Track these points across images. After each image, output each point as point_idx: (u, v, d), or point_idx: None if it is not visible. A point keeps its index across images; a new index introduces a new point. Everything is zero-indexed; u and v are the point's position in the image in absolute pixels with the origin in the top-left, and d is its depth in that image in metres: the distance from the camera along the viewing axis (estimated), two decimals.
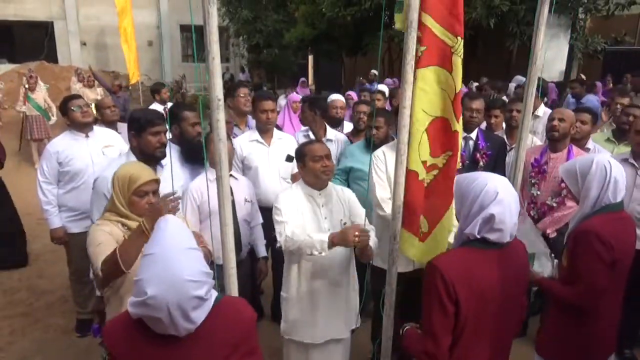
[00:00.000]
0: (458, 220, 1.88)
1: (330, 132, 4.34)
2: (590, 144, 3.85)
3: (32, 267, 5.35)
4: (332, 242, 2.35)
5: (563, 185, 3.44)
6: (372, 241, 2.49)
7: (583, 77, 9.98)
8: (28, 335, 4.03)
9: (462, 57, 2.06)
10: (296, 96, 5.50)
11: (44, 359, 3.71)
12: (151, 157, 2.81)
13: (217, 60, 1.52)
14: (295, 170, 3.19)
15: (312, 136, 4.25)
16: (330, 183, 2.78)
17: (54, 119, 9.87)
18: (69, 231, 3.76)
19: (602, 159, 2.25)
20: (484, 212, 1.72)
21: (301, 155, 2.73)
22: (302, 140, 4.19)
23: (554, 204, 3.53)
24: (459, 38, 2.04)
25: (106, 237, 2.15)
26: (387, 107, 6.45)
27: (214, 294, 1.45)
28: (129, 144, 2.93)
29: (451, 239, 2.36)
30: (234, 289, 1.76)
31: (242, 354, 1.48)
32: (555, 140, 3.54)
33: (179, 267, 1.31)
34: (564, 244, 2.45)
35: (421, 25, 1.87)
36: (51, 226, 3.76)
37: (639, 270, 2.94)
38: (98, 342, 3.26)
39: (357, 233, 2.26)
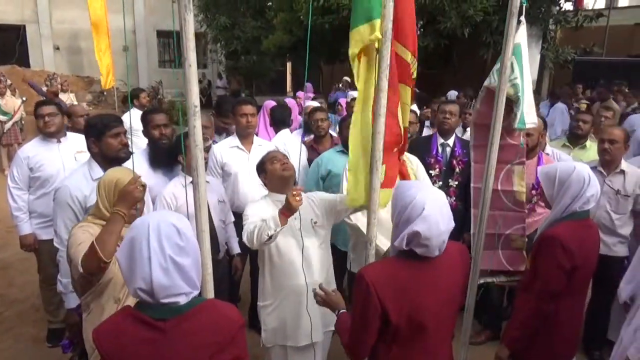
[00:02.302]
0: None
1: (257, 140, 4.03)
2: (548, 149, 3.97)
3: (2, 276, 5.20)
4: (282, 214, 2.36)
5: (533, 192, 3.54)
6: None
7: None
8: None
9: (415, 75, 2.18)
10: (271, 102, 5.52)
11: None
12: (115, 159, 2.81)
13: (194, 68, 1.53)
14: None
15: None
16: None
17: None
18: (39, 238, 3.69)
19: (583, 169, 2.33)
20: (409, 227, 1.68)
21: (261, 166, 2.82)
22: (307, 149, 4.35)
23: (526, 210, 3.62)
24: (414, 57, 2.13)
25: (87, 237, 2.13)
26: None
27: (195, 291, 1.47)
28: (89, 152, 2.91)
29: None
30: (210, 294, 1.77)
31: (228, 358, 1.49)
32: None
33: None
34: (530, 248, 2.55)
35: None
36: (21, 232, 3.68)
37: (604, 274, 3.07)
38: (69, 357, 3.19)
39: (293, 194, 2.30)
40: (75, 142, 3.81)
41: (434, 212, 1.68)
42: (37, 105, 3.80)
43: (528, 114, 2.58)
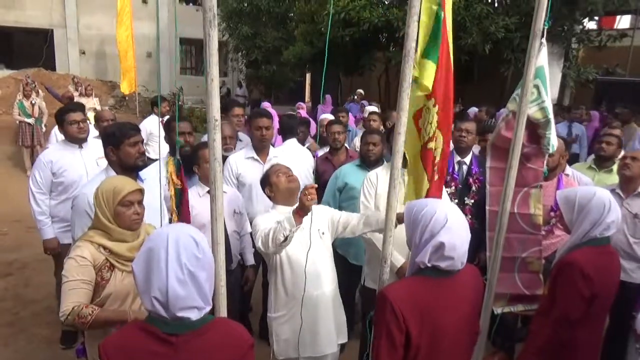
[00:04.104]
0: (409, 248, 1.86)
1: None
2: (568, 170, 3.90)
3: (19, 276, 5.29)
4: (297, 213, 2.35)
5: (552, 214, 3.49)
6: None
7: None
8: (12, 345, 3.98)
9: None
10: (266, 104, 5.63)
11: None
12: (132, 167, 2.85)
13: (216, 82, 1.55)
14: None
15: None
16: None
17: (43, 128, 9.84)
18: (62, 242, 3.74)
19: (603, 194, 2.29)
20: (434, 239, 1.70)
21: (266, 179, 2.84)
22: (322, 161, 4.35)
23: (542, 233, 3.56)
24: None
25: (82, 272, 2.13)
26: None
27: (207, 307, 1.47)
28: (107, 160, 2.95)
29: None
30: (223, 306, 1.77)
31: None
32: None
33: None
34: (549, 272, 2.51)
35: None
36: (44, 237, 3.73)
37: (621, 301, 2.99)
38: None
39: (305, 193, 2.28)
40: (97, 148, 3.87)
41: (456, 223, 1.71)
42: (65, 111, 3.82)
43: (553, 136, 2.58)
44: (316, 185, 2.34)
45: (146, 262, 1.40)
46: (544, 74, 2.49)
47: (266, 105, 8.46)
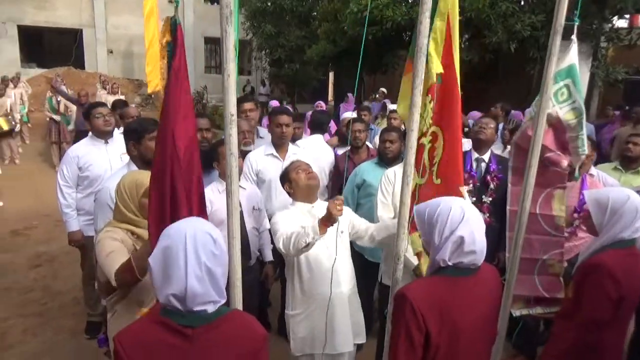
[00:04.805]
0: (426, 252, 1.84)
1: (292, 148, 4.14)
2: (593, 170, 3.81)
3: (48, 268, 5.47)
4: (322, 223, 2.37)
5: (575, 215, 3.42)
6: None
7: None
8: (39, 335, 4.11)
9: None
10: (274, 102, 5.68)
11: (53, 359, 3.78)
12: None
13: (233, 78, 1.59)
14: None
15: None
16: (319, 200, 2.88)
17: (71, 126, 10.08)
18: (86, 234, 3.84)
19: (636, 197, 2.24)
20: (453, 235, 1.69)
21: (285, 175, 2.86)
22: (342, 159, 4.38)
23: (566, 234, 3.49)
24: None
25: (116, 245, 2.17)
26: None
27: (222, 300, 1.49)
28: (129, 155, 3.04)
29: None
30: (238, 300, 1.80)
31: None
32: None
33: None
34: (571, 274, 2.46)
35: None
36: (69, 229, 3.85)
37: None
38: (103, 351, 3.30)
39: (335, 203, 2.30)
40: (122, 143, 3.97)
41: (473, 216, 1.71)
42: (92, 106, 4.02)
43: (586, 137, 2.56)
44: (342, 198, 2.36)
45: (164, 259, 1.41)
46: (575, 73, 2.44)
47: (274, 103, 8.55)
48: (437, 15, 2.05)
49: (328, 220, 2.37)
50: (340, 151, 4.77)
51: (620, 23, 11.82)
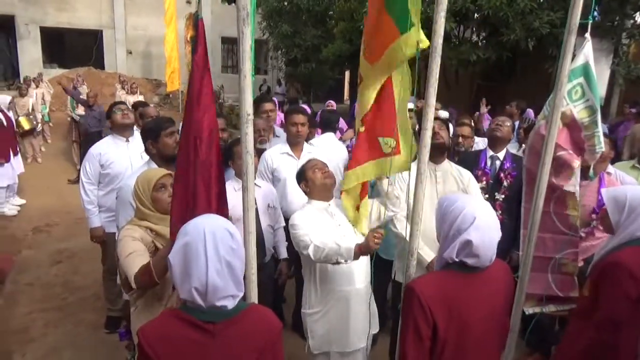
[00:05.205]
0: (439, 241, 1.87)
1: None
2: (610, 169, 3.77)
3: (69, 264, 5.61)
4: (358, 250, 2.41)
5: (593, 216, 3.39)
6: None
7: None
8: (60, 328, 4.23)
9: None
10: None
11: (73, 352, 3.89)
12: (172, 157, 2.98)
13: (249, 78, 1.63)
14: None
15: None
16: (335, 198, 2.91)
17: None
18: (107, 230, 3.94)
19: None
20: (461, 237, 1.70)
21: (302, 174, 2.89)
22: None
23: (582, 234, 3.44)
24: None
25: (136, 245, 2.24)
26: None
27: (241, 294, 1.55)
28: (148, 154, 3.13)
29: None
30: (254, 294, 1.85)
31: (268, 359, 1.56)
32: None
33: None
34: (586, 274, 2.44)
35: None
36: (91, 225, 3.95)
37: None
38: (125, 344, 3.39)
39: (374, 235, 2.35)
40: (142, 142, 4.09)
41: (485, 222, 1.71)
42: (112, 104, 4.20)
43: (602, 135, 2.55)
44: (382, 231, 2.41)
45: (184, 255, 1.46)
46: (589, 71, 2.44)
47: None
48: None
49: (365, 249, 2.40)
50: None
51: None
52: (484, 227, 1.70)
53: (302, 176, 2.90)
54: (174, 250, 1.50)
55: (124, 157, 3.91)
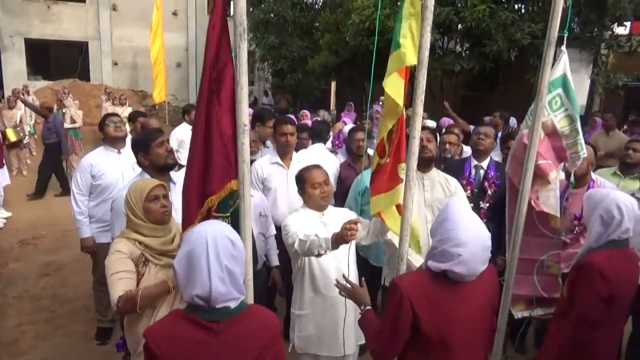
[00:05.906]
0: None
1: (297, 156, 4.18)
2: (592, 176, 3.88)
3: (57, 276, 5.55)
4: (335, 239, 2.45)
5: (576, 222, 3.50)
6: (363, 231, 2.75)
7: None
8: (50, 340, 4.20)
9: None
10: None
11: None
12: (164, 166, 3.03)
13: (245, 90, 1.70)
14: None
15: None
16: (331, 206, 2.95)
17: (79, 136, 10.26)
18: (97, 241, 3.95)
19: (615, 197, 2.33)
20: (447, 265, 1.76)
21: (301, 182, 2.90)
22: (345, 167, 4.47)
23: (567, 240, 3.52)
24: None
25: (122, 265, 2.27)
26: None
27: (242, 296, 1.61)
28: (140, 166, 3.14)
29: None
30: (250, 297, 1.91)
31: (269, 357, 1.63)
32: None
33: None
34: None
35: None
36: (82, 235, 3.94)
37: None
38: (121, 356, 3.38)
39: (346, 227, 2.35)
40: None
41: (473, 241, 1.74)
42: (105, 116, 4.22)
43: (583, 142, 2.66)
44: (358, 221, 2.44)
45: (187, 263, 1.53)
46: (567, 82, 2.54)
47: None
48: (412, 15, 2.08)
49: (340, 239, 2.44)
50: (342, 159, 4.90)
51: (621, 30, 11.93)
52: (470, 260, 1.73)
53: (302, 187, 2.91)
54: (178, 256, 1.57)
55: (116, 168, 3.93)
